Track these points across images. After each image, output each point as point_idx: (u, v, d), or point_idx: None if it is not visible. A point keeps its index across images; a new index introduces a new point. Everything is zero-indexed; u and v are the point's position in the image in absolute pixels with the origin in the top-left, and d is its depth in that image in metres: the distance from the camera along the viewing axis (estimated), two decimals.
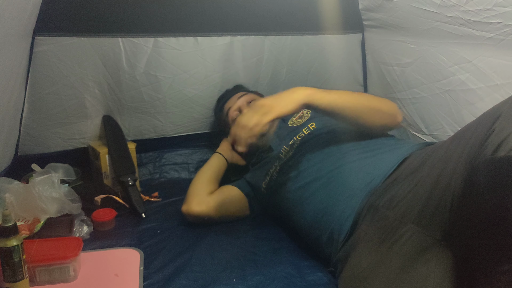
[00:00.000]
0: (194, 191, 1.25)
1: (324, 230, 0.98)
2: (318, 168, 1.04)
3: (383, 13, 1.43)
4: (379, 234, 0.82)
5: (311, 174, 1.05)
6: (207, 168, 1.34)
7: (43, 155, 1.41)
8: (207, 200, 1.22)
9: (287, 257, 1.07)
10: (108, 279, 0.96)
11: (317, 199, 1.01)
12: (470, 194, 0.65)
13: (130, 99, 1.47)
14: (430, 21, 1.19)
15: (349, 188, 0.95)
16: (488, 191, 0.61)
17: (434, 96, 1.25)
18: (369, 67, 1.65)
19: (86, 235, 1.13)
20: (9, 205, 1.05)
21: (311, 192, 1.03)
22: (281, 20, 1.54)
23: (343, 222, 0.93)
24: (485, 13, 0.99)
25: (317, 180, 1.03)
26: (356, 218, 0.91)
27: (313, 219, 1.02)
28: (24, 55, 1.24)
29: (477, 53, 1.07)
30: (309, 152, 1.09)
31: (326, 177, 1.01)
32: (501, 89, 1.02)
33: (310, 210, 1.03)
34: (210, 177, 1.31)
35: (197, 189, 1.26)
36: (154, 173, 1.59)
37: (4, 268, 0.85)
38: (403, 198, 0.80)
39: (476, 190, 0.64)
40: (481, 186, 0.62)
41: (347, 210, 0.93)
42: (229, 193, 1.27)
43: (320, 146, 1.08)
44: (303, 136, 1.16)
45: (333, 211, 0.96)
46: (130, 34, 1.38)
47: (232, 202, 1.26)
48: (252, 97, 1.40)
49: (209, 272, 1.01)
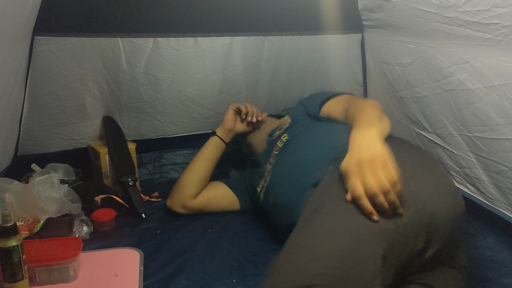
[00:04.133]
0: (179, 191, 1.29)
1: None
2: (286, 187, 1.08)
3: (383, 13, 1.43)
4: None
5: (282, 193, 1.08)
6: (199, 162, 1.33)
7: (43, 155, 1.41)
8: (190, 204, 1.29)
9: None
10: (108, 279, 0.96)
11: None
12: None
13: (129, 99, 1.47)
14: (429, 22, 1.19)
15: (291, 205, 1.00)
16: None
17: (436, 96, 1.25)
18: (369, 67, 1.65)
19: (86, 235, 1.14)
20: (9, 205, 1.06)
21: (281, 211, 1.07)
22: (280, 20, 1.54)
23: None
24: (484, 14, 0.99)
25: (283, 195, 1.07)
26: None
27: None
28: (23, 55, 1.24)
29: (475, 54, 1.07)
30: (281, 168, 1.13)
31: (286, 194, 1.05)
32: (499, 89, 1.02)
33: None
34: (201, 174, 1.31)
35: (182, 190, 1.29)
36: (154, 173, 1.59)
37: (4, 268, 0.85)
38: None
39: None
40: None
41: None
42: (217, 192, 1.33)
43: (288, 159, 1.13)
44: (278, 150, 1.19)
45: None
46: (129, 34, 1.38)
47: (219, 200, 1.32)
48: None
49: (209, 272, 1.01)
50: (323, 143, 1.06)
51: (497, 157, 1.07)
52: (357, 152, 0.80)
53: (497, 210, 1.12)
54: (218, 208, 1.33)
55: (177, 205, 1.29)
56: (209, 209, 1.32)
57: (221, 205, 1.33)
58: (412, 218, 0.73)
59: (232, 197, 1.34)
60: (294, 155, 1.11)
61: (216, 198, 1.33)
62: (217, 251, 1.10)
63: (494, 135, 1.06)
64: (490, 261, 1.05)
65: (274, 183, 1.13)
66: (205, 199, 1.31)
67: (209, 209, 1.32)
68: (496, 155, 1.08)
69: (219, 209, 1.33)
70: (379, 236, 0.71)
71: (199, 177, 1.30)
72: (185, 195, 1.28)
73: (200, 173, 1.31)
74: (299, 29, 1.57)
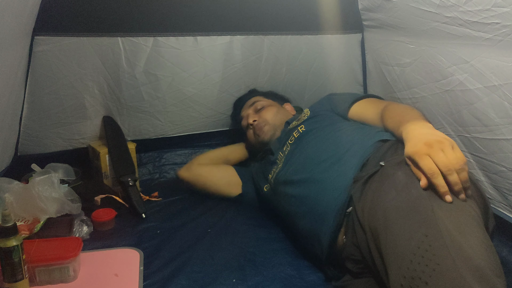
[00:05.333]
0: (191, 161, 1.46)
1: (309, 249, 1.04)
2: (299, 177, 1.06)
3: (383, 13, 1.43)
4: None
5: (295, 182, 1.07)
6: (220, 148, 1.53)
7: (43, 155, 1.41)
8: (194, 168, 1.41)
9: (286, 257, 1.08)
10: (108, 279, 0.96)
11: (298, 213, 1.05)
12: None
13: (129, 99, 1.47)
14: (429, 22, 1.19)
15: (321, 206, 0.96)
16: None
17: (434, 96, 1.25)
18: (369, 67, 1.65)
19: (86, 235, 1.14)
20: (9, 205, 1.06)
21: (293, 199, 1.07)
22: (280, 20, 1.54)
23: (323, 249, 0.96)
24: (484, 13, 0.99)
25: (298, 186, 1.06)
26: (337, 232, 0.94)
27: (301, 234, 1.06)
28: (23, 55, 1.24)
29: (475, 53, 1.07)
30: (295, 157, 1.12)
31: (302, 187, 1.04)
32: (498, 89, 1.02)
33: (296, 223, 1.07)
34: (217, 154, 1.49)
35: (194, 159, 1.46)
36: (154, 173, 1.59)
37: (4, 268, 0.85)
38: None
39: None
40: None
41: (325, 230, 0.95)
42: (221, 168, 1.41)
43: (304, 150, 1.11)
44: (293, 140, 1.18)
45: (314, 230, 0.99)
46: (129, 34, 1.38)
47: (222, 175, 1.40)
48: (261, 104, 1.42)
49: (208, 272, 1.01)
50: (342, 140, 1.05)
51: (496, 157, 1.07)
52: (424, 135, 0.80)
53: (496, 210, 1.12)
54: (218, 183, 1.38)
55: (184, 169, 1.43)
56: (209, 183, 1.37)
57: (222, 180, 1.38)
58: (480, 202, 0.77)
59: (235, 177, 1.38)
60: (310, 147, 1.10)
61: (219, 172, 1.40)
62: (217, 251, 1.10)
63: (492, 135, 1.06)
64: None
65: (287, 172, 1.12)
66: (208, 168, 1.40)
67: (209, 183, 1.37)
68: (494, 156, 1.08)
69: (219, 186, 1.37)
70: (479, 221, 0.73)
71: (217, 154, 1.49)
72: (195, 161, 1.44)
73: (218, 152, 1.50)
74: (299, 28, 1.57)
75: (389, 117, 1.02)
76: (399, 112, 1.00)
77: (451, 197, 0.72)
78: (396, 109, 1.04)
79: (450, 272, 0.62)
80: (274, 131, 1.33)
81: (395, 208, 0.75)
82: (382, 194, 0.80)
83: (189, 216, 1.29)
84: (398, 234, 0.71)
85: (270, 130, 1.33)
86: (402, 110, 1.02)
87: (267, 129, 1.33)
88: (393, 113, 1.02)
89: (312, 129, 1.15)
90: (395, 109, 1.05)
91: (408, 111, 0.99)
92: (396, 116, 0.99)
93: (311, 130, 1.15)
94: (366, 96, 1.23)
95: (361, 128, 1.09)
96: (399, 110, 1.02)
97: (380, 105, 1.13)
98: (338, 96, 1.30)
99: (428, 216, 0.70)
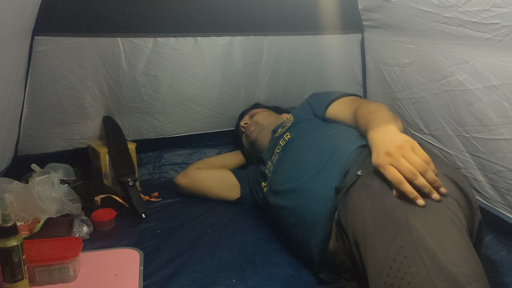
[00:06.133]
0: (188, 167, 1.46)
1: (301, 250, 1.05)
2: (286, 187, 1.07)
3: (382, 14, 1.43)
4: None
5: (283, 192, 1.08)
6: (217, 155, 1.59)
7: (43, 155, 1.41)
8: (191, 173, 1.40)
9: (286, 257, 1.08)
10: (108, 279, 0.96)
11: (289, 220, 1.06)
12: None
13: (129, 99, 1.47)
14: (429, 22, 1.19)
15: (309, 216, 0.97)
16: None
17: (434, 96, 1.25)
18: (369, 67, 1.65)
19: (86, 235, 1.14)
20: (9, 205, 1.05)
21: (282, 211, 1.08)
22: (280, 20, 1.54)
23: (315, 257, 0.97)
24: (483, 13, 0.99)
25: (286, 196, 1.07)
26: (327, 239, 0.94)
27: (293, 242, 1.08)
28: (23, 55, 1.24)
29: (475, 54, 1.07)
30: (282, 167, 1.13)
31: (290, 198, 1.05)
32: (498, 90, 1.02)
33: (287, 232, 1.09)
34: (213, 161, 1.52)
35: (190, 166, 1.46)
36: (154, 173, 1.59)
37: (3, 268, 0.85)
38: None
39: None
40: None
41: (314, 239, 0.95)
42: (220, 173, 1.42)
43: (290, 158, 1.12)
44: (280, 149, 1.19)
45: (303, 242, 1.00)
46: (129, 34, 1.38)
47: (220, 179, 1.40)
48: (256, 111, 1.48)
49: (208, 272, 1.01)
50: (325, 147, 1.06)
51: (494, 157, 1.07)
52: (383, 144, 0.81)
53: (495, 210, 1.13)
54: (217, 187, 1.38)
55: (181, 175, 1.43)
56: (208, 187, 1.38)
57: (221, 184, 1.39)
58: (456, 195, 0.75)
59: (233, 181, 1.39)
60: (295, 155, 1.11)
61: (217, 176, 1.41)
62: (217, 251, 1.10)
63: (492, 135, 1.06)
64: (488, 261, 1.06)
65: (276, 182, 1.13)
66: (206, 173, 1.40)
67: (208, 187, 1.38)
68: (493, 156, 1.08)
69: (217, 190, 1.38)
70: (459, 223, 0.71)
71: (215, 160, 1.53)
72: (192, 167, 1.45)
73: (217, 158, 1.55)
74: (299, 29, 1.57)
75: (359, 121, 1.03)
76: (366, 116, 0.99)
77: (423, 201, 0.71)
78: (365, 111, 1.03)
79: (423, 285, 0.63)
80: (261, 130, 1.37)
81: (372, 219, 0.75)
82: (360, 205, 0.80)
83: (189, 216, 1.29)
84: (375, 247, 0.71)
85: (256, 129, 1.37)
86: (369, 111, 1.01)
87: (254, 128, 1.38)
88: (361, 116, 1.02)
89: (297, 136, 1.16)
90: (364, 111, 1.03)
91: (374, 113, 0.98)
92: (364, 120, 0.99)
93: (296, 137, 1.16)
94: (341, 96, 1.22)
95: (342, 132, 1.09)
96: (367, 112, 1.01)
97: (352, 105, 1.13)
98: (317, 97, 1.30)
99: (403, 226, 0.69)
